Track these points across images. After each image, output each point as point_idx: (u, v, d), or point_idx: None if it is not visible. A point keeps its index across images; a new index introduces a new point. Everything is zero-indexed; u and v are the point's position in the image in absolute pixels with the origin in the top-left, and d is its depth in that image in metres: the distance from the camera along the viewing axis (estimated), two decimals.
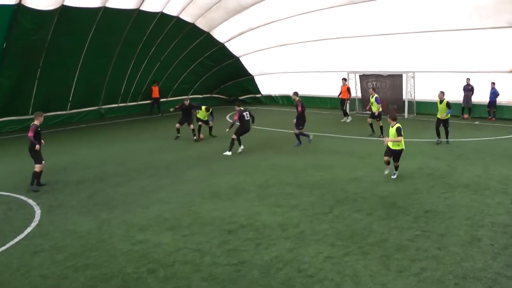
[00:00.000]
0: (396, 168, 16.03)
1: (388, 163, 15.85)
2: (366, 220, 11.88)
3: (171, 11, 31.63)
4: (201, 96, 41.31)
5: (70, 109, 31.88)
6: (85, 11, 26.97)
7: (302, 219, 12.08)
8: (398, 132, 15.46)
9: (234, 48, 37.98)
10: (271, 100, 40.03)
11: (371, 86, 29.76)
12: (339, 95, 31.16)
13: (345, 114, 30.32)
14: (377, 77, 31.86)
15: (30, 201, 14.55)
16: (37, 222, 12.64)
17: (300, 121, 22.35)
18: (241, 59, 39.01)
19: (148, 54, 33.97)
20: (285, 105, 38.18)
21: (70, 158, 20.95)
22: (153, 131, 28.07)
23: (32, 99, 29.20)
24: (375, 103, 24.29)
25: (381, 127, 23.77)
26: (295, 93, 23.06)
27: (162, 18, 31.58)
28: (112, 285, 9.12)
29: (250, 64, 39.28)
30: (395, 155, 15.88)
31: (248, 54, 38.28)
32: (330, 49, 33.90)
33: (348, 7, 30.80)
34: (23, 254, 10.60)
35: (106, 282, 9.22)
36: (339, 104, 32.30)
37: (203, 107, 25.07)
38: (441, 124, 21.41)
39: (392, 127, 15.73)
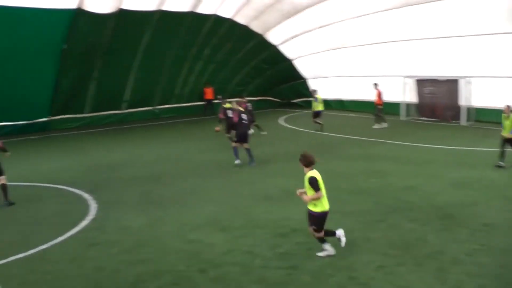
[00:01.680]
0: (321, 241, 10.29)
1: (326, 234, 10.42)
2: (420, 230, 11.57)
3: (225, 13, 31.89)
4: (254, 98, 41.39)
5: (125, 109, 32.53)
6: (141, 14, 27.57)
7: (355, 226, 11.89)
8: (312, 184, 10.36)
9: (287, 50, 37.93)
10: (324, 104, 39.73)
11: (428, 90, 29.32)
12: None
13: (377, 121, 29.56)
14: (434, 82, 31.25)
15: (86, 196, 14.95)
16: (92, 216, 12.97)
17: (237, 133, 19.81)
18: (294, 61, 38.93)
19: (203, 56, 34.38)
20: (338, 109, 37.87)
21: (125, 156, 21.35)
22: (206, 132, 28.22)
23: (89, 98, 29.97)
24: (314, 102, 28.42)
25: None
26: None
27: (217, 20, 31.89)
28: (163, 281, 9.21)
29: (303, 67, 39.14)
30: (312, 220, 10.31)
31: (302, 57, 38.15)
32: (385, 53, 33.35)
33: (404, 9, 30.14)
34: (79, 246, 10.92)
35: (157, 278, 9.32)
36: (393, 109, 31.88)
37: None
38: (507, 144, 18.17)
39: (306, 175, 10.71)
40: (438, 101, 31.18)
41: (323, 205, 10.24)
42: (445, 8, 28.65)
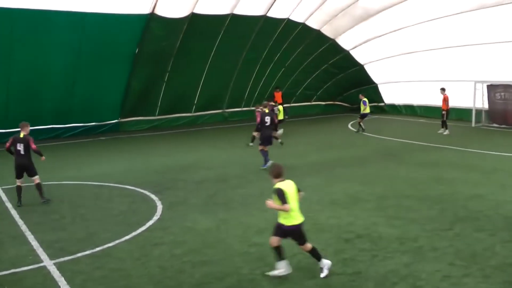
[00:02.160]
0: (313, 254, 9.69)
1: (277, 249, 9.60)
2: (488, 240, 11.28)
3: (298, 17, 31.97)
4: (323, 103, 41.43)
5: (194, 112, 33.09)
6: (213, 17, 27.99)
7: (421, 234, 11.73)
8: (279, 196, 9.45)
9: (358, 55, 37.68)
10: (394, 109, 39.30)
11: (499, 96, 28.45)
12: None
13: (443, 125, 28.94)
14: (506, 87, 30.39)
15: (153, 196, 15.30)
16: (158, 217, 13.26)
17: (260, 136, 19.72)
18: (365, 66, 38.63)
19: (273, 60, 34.54)
20: (408, 115, 37.36)
21: (193, 158, 21.73)
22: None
23: (160, 101, 30.67)
24: (362, 106, 29.62)
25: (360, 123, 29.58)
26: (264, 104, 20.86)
27: (288, 24, 31.99)
28: (227, 283, 9.32)
29: (374, 72, 38.78)
30: (281, 233, 9.57)
31: (372, 62, 37.82)
32: (456, 57, 32.56)
33: (476, 12, 29.38)
34: (144, 245, 11.18)
35: (221, 280, 9.44)
36: (463, 115, 31.26)
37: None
38: None
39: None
40: (510, 108, 30.32)
41: (292, 219, 9.47)
42: None
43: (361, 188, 16.16)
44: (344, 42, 36.54)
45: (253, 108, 36.12)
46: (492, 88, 31.31)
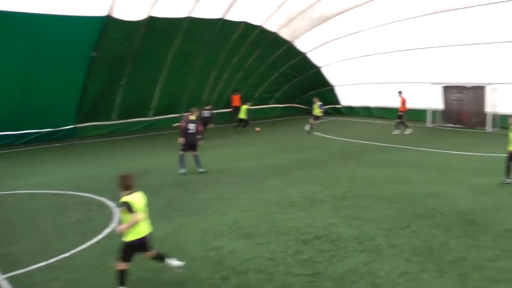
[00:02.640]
0: (158, 257, 9.48)
1: (122, 273, 9.05)
2: (444, 236, 11.55)
3: (255, 20, 32.09)
4: (281, 105, 41.57)
5: (153, 116, 32.79)
6: (171, 21, 27.86)
7: (378, 233, 11.89)
8: (128, 208, 8.80)
9: (316, 58, 38.03)
10: (351, 111, 39.72)
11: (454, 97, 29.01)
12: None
13: (397, 127, 29.39)
14: (461, 88, 31.12)
15: (110, 203, 15.07)
16: (116, 224, 13.04)
17: (184, 142, 19.43)
18: (322, 69, 39.01)
19: (231, 63, 34.53)
20: (365, 116, 37.82)
21: (150, 163, 21.53)
22: (233, 139, 28.42)
23: (117, 105, 30.30)
24: (317, 109, 31.46)
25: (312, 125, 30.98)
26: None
27: (246, 27, 32.06)
28: None
29: (331, 75, 39.19)
30: (135, 249, 9.11)
31: (330, 64, 38.21)
32: (412, 60, 33.23)
33: (431, 16, 30.11)
34: (101, 254, 11.02)
35: (180, 285, 9.39)
36: (420, 116, 31.79)
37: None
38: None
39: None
40: (464, 108, 31.03)
41: (140, 232, 8.97)
42: (473, 15, 28.55)
43: (319, 190, 16.27)
44: (302, 44, 36.81)
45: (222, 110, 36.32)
46: (447, 90, 31.99)
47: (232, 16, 30.45)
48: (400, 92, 29.53)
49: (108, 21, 25.55)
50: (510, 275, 9.45)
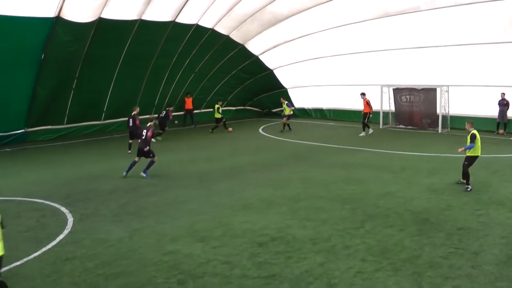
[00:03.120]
0: None
1: None
2: (398, 236, 11.72)
3: (206, 23, 31.94)
4: (234, 108, 41.54)
5: (104, 119, 32.32)
6: (121, 23, 27.42)
7: (333, 233, 11.97)
8: None
9: (268, 60, 38.14)
10: (304, 113, 39.98)
11: (405, 99, 29.51)
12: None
13: (364, 128, 29.75)
14: (411, 90, 31.71)
15: (63, 209, 14.75)
16: (69, 230, 12.80)
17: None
18: (275, 71, 39.18)
19: (183, 66, 34.34)
20: (318, 118, 38.12)
21: (103, 167, 21.19)
22: (186, 142, 28.25)
23: (68, 109, 29.72)
24: (287, 108, 32.20)
25: (289, 125, 31.86)
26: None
27: (197, 30, 31.90)
28: None
29: (283, 77, 39.39)
30: None
31: (282, 66, 38.41)
32: (364, 63, 33.80)
33: (383, 20, 30.68)
34: (55, 261, 10.73)
35: None
36: (373, 118, 32.25)
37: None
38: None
39: None
40: (415, 109, 31.60)
41: None
42: (422, 19, 29.30)
43: (273, 192, 16.29)
44: (254, 47, 36.88)
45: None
46: (398, 92, 32.52)
47: (183, 19, 30.25)
48: (363, 94, 29.84)
49: (57, 22, 24.92)
50: (463, 271, 9.66)
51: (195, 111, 37.05)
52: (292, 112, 32.86)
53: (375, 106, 32.28)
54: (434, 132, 29.79)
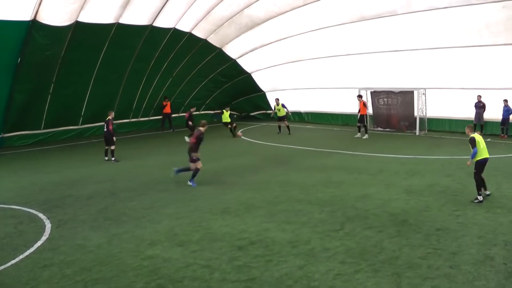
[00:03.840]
0: None
1: None
2: (377, 237, 11.80)
3: (184, 27, 31.89)
4: (212, 112, 41.45)
5: (82, 124, 32.07)
6: (98, 26, 27.23)
7: (312, 236, 12.01)
8: None
9: (246, 64, 38.18)
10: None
11: (383, 102, 29.72)
12: (359, 112, 30.60)
13: (360, 130, 29.84)
14: (389, 93, 31.92)
15: (41, 215, 14.60)
16: (47, 236, 12.67)
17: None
18: (252, 75, 39.22)
19: (161, 70, 34.20)
20: (296, 121, 38.17)
21: (81, 172, 21.02)
22: (165, 147, 28.18)
23: (45, 114, 29.43)
24: (282, 109, 32.07)
25: (288, 126, 32.01)
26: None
27: (175, 34, 31.82)
28: None
29: (261, 80, 39.44)
30: None
31: (259, 70, 38.46)
32: (341, 66, 33.98)
33: (360, 23, 30.88)
34: (32, 268, 10.60)
35: None
36: (349, 120, 32.40)
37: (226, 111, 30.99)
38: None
39: None
40: (393, 112, 31.80)
41: None
42: (398, 23, 29.53)
43: (252, 195, 16.29)
44: (231, 51, 36.89)
45: (142, 119, 35.75)
46: (375, 95, 32.72)
47: (161, 23, 30.15)
48: (360, 96, 29.99)
49: (33, 26, 24.65)
50: (441, 272, 9.75)
51: (173, 115, 36.91)
52: (289, 114, 33.27)
53: (354, 109, 32.55)
54: (411, 135, 30.03)
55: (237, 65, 38.24)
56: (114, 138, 23.25)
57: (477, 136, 14.94)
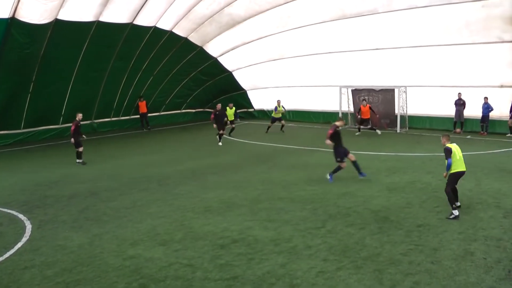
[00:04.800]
0: None
1: None
2: (358, 234, 11.85)
3: (164, 25, 31.76)
4: (193, 110, 41.38)
5: (62, 123, 31.78)
6: (78, 24, 27.01)
7: (295, 234, 12.03)
8: None
9: (227, 62, 38.11)
10: (264, 114, 40.02)
11: (364, 99, 29.92)
12: (359, 115, 30.39)
13: (372, 128, 30.28)
14: (369, 91, 32.05)
15: (21, 216, 14.44)
16: (27, 238, 12.54)
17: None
18: (234, 73, 39.17)
19: (141, 68, 34.03)
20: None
21: (62, 172, 20.86)
22: (146, 146, 28.04)
23: (25, 113, 29.14)
24: (281, 110, 31.74)
25: (283, 125, 31.65)
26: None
27: (155, 32, 31.67)
28: None
29: (242, 79, 39.42)
30: None
31: (241, 68, 38.43)
32: (322, 64, 34.09)
33: (341, 21, 31.03)
34: (13, 270, 10.50)
35: None
36: (330, 118, 32.51)
37: (230, 108, 30.18)
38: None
39: None
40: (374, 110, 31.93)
41: None
42: (379, 21, 29.72)
43: (234, 193, 16.29)
44: (212, 49, 36.80)
45: (123, 117, 35.50)
46: (356, 93, 32.85)
47: (141, 21, 29.99)
48: (364, 100, 30.00)
49: (12, 23, 24.38)
50: (423, 267, 9.85)
51: (154, 114, 36.76)
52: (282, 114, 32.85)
53: (335, 107, 32.69)
54: (392, 132, 30.20)
55: (218, 63, 38.15)
56: (72, 140, 22.54)
57: (454, 147, 13.56)
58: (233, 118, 30.97)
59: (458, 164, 13.43)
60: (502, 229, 12.01)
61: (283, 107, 32.06)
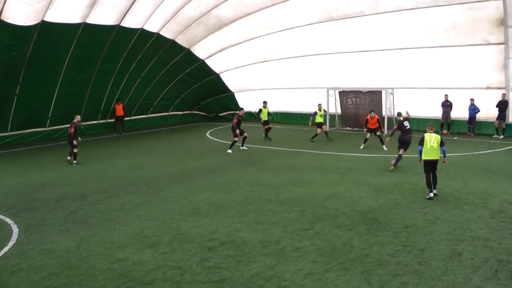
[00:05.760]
0: None
1: None
2: (346, 235, 11.88)
3: (152, 27, 31.70)
4: (181, 112, 41.33)
5: (49, 126, 31.61)
6: (65, 26, 26.86)
7: (283, 236, 12.04)
8: None
9: (214, 64, 38.14)
10: (251, 116, 39.98)
11: (351, 101, 29.90)
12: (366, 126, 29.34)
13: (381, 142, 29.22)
14: (357, 93, 32.18)
15: (8, 220, 14.32)
16: (14, 241, 12.44)
17: None
18: (221, 75, 39.20)
19: (129, 71, 33.91)
20: None
21: (49, 175, 20.74)
22: (134, 148, 27.95)
23: (12, 116, 28.94)
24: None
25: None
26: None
27: (143, 34, 31.60)
28: None
29: (230, 81, 39.44)
30: None
31: (228, 70, 38.46)
32: (309, 66, 34.20)
33: (328, 24, 31.19)
34: None
35: None
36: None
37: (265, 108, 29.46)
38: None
39: None
40: (361, 112, 32.04)
41: None
42: (366, 23, 29.90)
43: (222, 195, 16.27)
44: (200, 51, 36.82)
45: (110, 120, 35.33)
46: (343, 94, 32.97)
47: (128, 23, 29.92)
48: (372, 111, 29.31)
49: None
50: (410, 268, 9.90)
51: (141, 116, 36.64)
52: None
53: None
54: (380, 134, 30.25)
55: (205, 65, 38.17)
56: (75, 142, 22.69)
57: (428, 136, 15.27)
58: (267, 118, 30.07)
59: (428, 152, 15.13)
60: (489, 229, 12.10)
61: (325, 110, 30.31)
